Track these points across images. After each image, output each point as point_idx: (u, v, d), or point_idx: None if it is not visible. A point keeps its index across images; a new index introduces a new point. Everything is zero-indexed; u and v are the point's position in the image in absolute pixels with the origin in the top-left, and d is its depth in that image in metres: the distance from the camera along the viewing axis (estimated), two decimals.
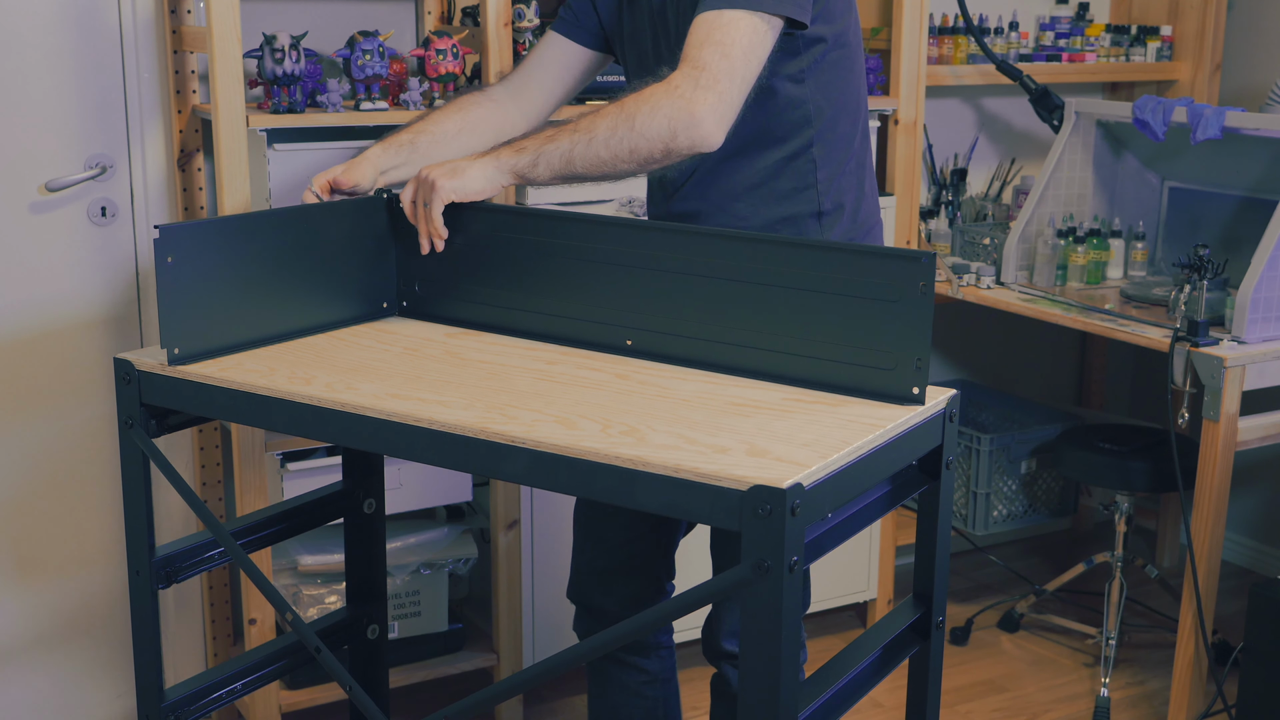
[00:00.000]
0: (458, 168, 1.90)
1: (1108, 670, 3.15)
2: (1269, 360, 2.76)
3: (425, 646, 2.94)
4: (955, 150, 3.77)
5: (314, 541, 2.81)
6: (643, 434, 1.53)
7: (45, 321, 2.77)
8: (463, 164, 1.91)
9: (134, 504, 1.85)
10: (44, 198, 2.73)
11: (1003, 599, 3.66)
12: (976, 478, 3.56)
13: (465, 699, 1.67)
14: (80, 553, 2.87)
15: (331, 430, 1.67)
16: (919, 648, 1.78)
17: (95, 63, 2.74)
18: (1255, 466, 3.79)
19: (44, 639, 2.87)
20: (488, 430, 1.54)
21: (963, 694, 3.23)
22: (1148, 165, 3.43)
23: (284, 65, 2.58)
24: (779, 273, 1.70)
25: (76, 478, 2.84)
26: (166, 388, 1.78)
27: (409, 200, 1.95)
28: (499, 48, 2.72)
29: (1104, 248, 3.30)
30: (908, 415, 1.61)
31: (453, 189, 1.89)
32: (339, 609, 2.24)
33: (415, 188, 1.95)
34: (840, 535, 1.56)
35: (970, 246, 3.51)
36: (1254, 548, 3.88)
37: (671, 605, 1.50)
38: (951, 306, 3.47)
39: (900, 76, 3.19)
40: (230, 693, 2.02)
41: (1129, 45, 3.72)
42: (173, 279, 1.78)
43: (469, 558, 2.94)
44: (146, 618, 1.88)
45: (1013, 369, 4.05)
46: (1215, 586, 2.85)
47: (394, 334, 1.97)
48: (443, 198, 1.89)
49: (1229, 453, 2.77)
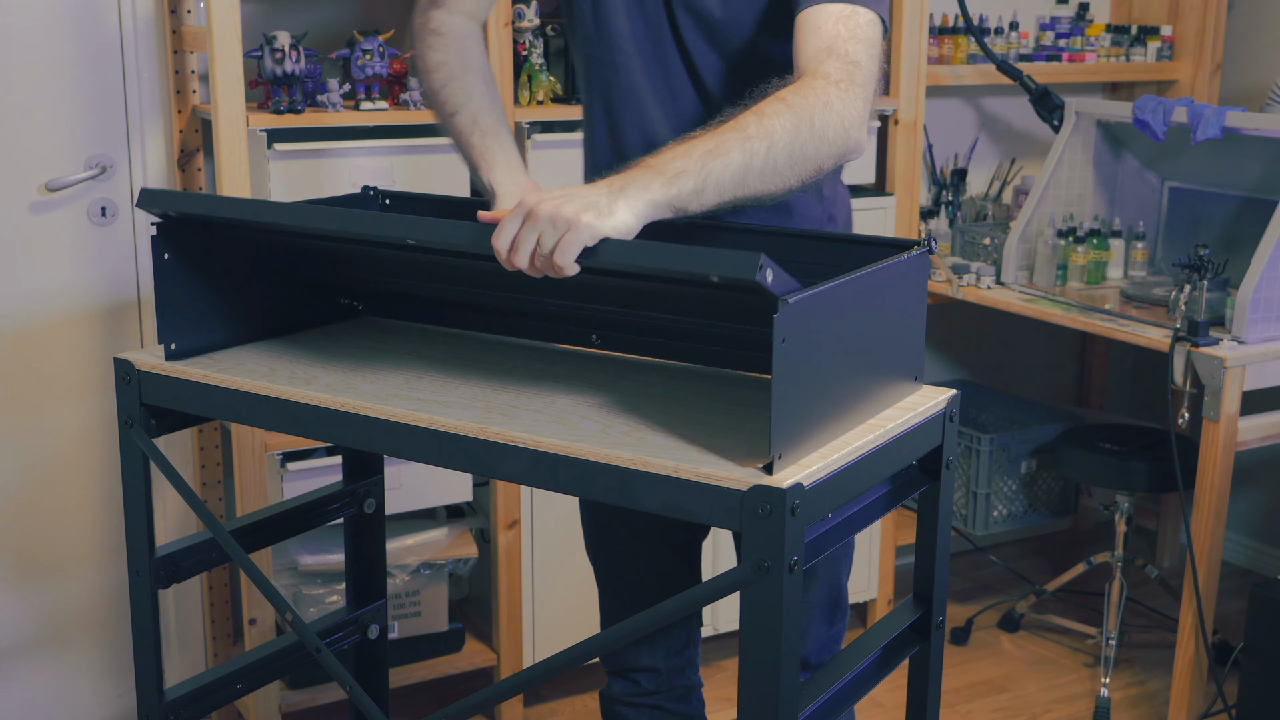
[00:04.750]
0: (598, 203, 1.44)
1: (1108, 670, 3.15)
2: (1269, 360, 2.76)
3: (425, 646, 2.94)
4: (955, 150, 3.77)
5: (314, 541, 2.81)
6: (643, 434, 1.53)
7: (45, 321, 2.77)
8: (601, 197, 1.45)
9: (134, 504, 1.85)
10: (44, 198, 2.73)
11: (1003, 599, 3.66)
12: (976, 478, 3.56)
13: (465, 699, 1.67)
14: (80, 553, 2.87)
15: (331, 430, 1.67)
16: (919, 648, 1.77)
17: (95, 63, 2.74)
18: (1255, 466, 3.79)
19: (44, 639, 2.87)
20: (488, 430, 1.54)
21: (963, 694, 3.23)
22: (1148, 165, 3.43)
23: (284, 65, 2.58)
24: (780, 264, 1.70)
25: (76, 478, 2.84)
26: (166, 388, 1.78)
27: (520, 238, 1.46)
28: (499, 47, 2.72)
29: (1104, 248, 3.30)
30: (908, 415, 1.61)
31: (603, 230, 1.44)
32: (339, 609, 2.23)
33: (528, 224, 1.46)
34: (840, 535, 1.55)
35: (970, 246, 3.51)
36: (1254, 548, 3.88)
37: (671, 606, 1.50)
38: (951, 306, 3.47)
39: (900, 76, 3.19)
40: (230, 693, 2.02)
41: (1129, 45, 3.72)
42: (169, 273, 1.78)
43: (469, 558, 2.94)
44: (146, 618, 1.88)
45: (1013, 369, 4.05)
46: (1215, 586, 2.85)
47: (394, 333, 1.97)
48: (585, 240, 1.43)
49: (1229, 453, 2.77)
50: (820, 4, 1.66)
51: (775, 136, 1.50)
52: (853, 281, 1.49)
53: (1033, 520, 3.70)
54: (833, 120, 1.54)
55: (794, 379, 1.40)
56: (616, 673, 2.09)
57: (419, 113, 2.71)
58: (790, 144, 1.51)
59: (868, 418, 1.58)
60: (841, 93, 1.57)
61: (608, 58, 1.85)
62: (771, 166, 1.51)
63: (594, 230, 1.43)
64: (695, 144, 1.50)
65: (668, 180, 1.47)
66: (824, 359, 1.46)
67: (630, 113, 1.86)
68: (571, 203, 1.44)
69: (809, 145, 1.53)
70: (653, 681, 2.07)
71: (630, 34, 1.83)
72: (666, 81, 1.85)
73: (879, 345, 1.59)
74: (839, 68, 1.59)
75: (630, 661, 2.07)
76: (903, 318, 1.63)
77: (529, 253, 1.45)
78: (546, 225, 1.44)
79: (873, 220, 3.21)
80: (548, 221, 1.44)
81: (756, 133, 1.50)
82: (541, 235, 1.44)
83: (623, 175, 1.49)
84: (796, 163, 1.53)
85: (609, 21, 1.84)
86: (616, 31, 1.83)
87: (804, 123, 1.52)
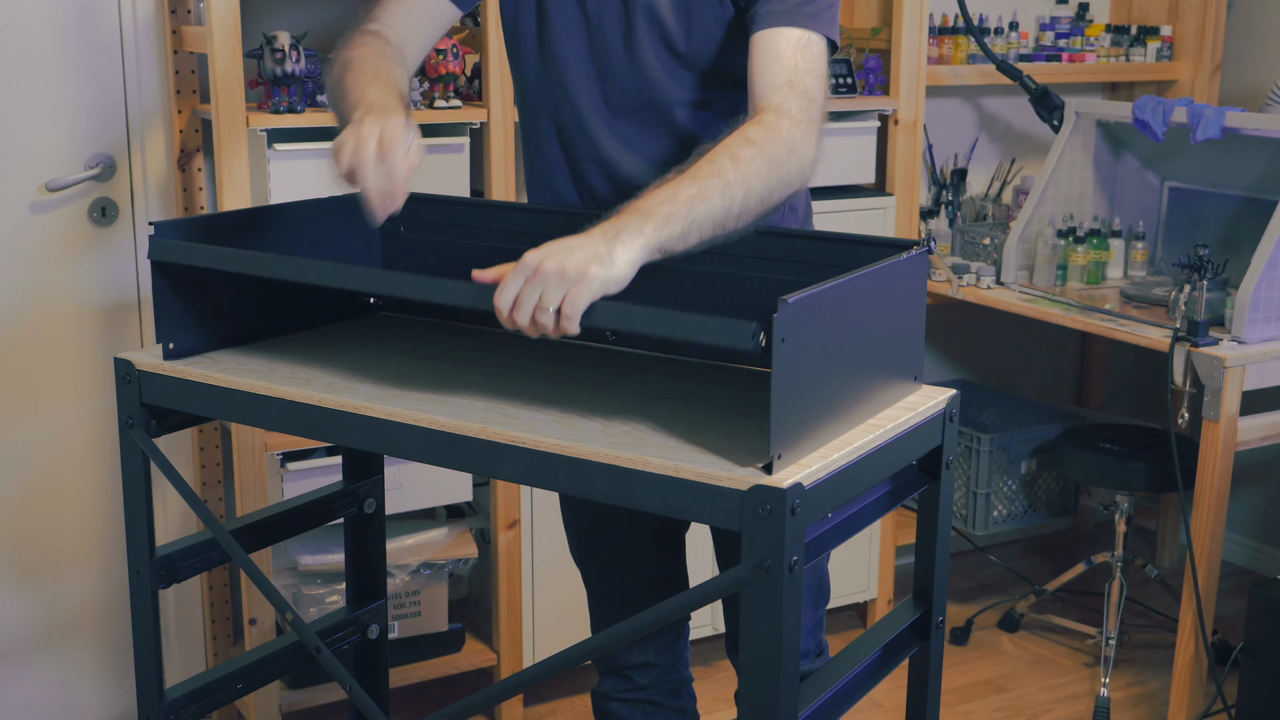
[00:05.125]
0: (599, 254, 1.47)
1: (1108, 670, 3.15)
2: (1269, 360, 2.76)
3: (425, 646, 2.94)
4: (955, 150, 3.77)
5: (314, 541, 2.81)
6: (643, 434, 1.53)
7: (45, 321, 2.77)
8: (600, 246, 1.48)
9: (134, 504, 1.85)
10: (44, 198, 2.73)
11: (1003, 599, 3.66)
12: (976, 478, 3.56)
13: (465, 699, 1.67)
14: (80, 553, 2.87)
15: (331, 430, 1.67)
16: (919, 648, 1.77)
17: (96, 63, 2.74)
18: (1255, 466, 3.79)
19: (44, 639, 2.87)
20: (488, 430, 1.54)
21: (963, 694, 3.23)
22: (1148, 165, 3.43)
23: (284, 65, 2.58)
24: (772, 264, 1.71)
25: (76, 478, 2.84)
26: (166, 388, 1.78)
27: (524, 295, 1.46)
28: (499, 47, 2.72)
29: (1104, 248, 3.30)
30: (908, 415, 1.61)
31: (606, 283, 1.46)
32: (339, 609, 2.23)
33: (533, 281, 1.46)
34: (840, 535, 1.55)
35: (970, 246, 3.51)
36: (1254, 548, 3.88)
37: (671, 605, 1.50)
38: (951, 306, 3.47)
39: (900, 76, 3.19)
40: (230, 693, 2.02)
41: (1129, 45, 3.72)
42: (167, 273, 1.78)
43: (469, 558, 2.94)
44: (146, 618, 1.88)
45: (1013, 369, 4.05)
46: (1215, 586, 2.85)
47: (394, 333, 1.97)
48: (594, 293, 1.46)
49: (1229, 453, 2.77)
50: (777, 26, 1.73)
51: (751, 184, 1.59)
52: (852, 281, 1.49)
53: (1033, 520, 3.70)
54: (795, 164, 1.64)
55: (793, 379, 1.40)
56: (609, 670, 2.12)
57: (419, 113, 2.71)
58: (762, 190, 1.60)
59: (867, 418, 1.58)
60: (803, 133, 1.66)
61: (557, 78, 1.88)
62: (745, 210, 1.59)
63: (602, 281, 1.45)
64: (679, 188, 1.55)
65: (658, 225, 1.51)
66: (823, 359, 1.46)
67: (582, 132, 1.89)
68: (574, 255, 1.46)
69: (776, 190, 1.62)
70: (646, 677, 2.10)
71: (577, 55, 1.87)
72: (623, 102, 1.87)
73: (879, 345, 1.59)
74: (800, 106, 1.68)
75: (624, 659, 2.10)
76: (902, 318, 1.63)
77: (531, 309, 1.46)
78: (554, 279, 1.45)
79: (873, 220, 3.21)
80: (556, 276, 1.45)
81: (735, 179, 1.57)
82: (546, 290, 1.45)
83: (615, 221, 1.52)
84: (764, 204, 1.62)
85: (558, 44, 1.87)
86: (566, 54, 1.87)
87: (774, 169, 1.61)
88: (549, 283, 1.45)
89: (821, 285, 1.44)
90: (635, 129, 1.87)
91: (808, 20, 1.74)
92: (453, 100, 2.76)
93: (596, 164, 1.89)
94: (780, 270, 1.72)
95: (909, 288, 1.63)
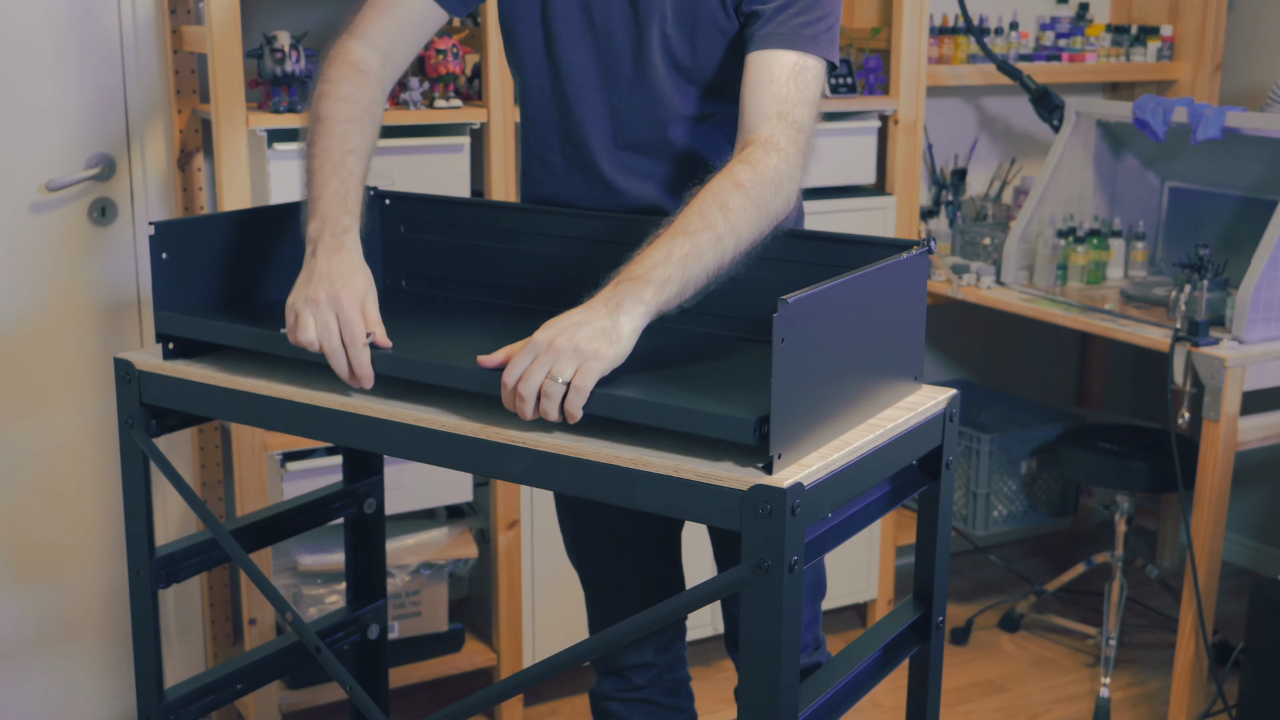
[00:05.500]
0: (605, 328, 1.49)
1: (1108, 670, 3.15)
2: (1269, 360, 2.76)
3: (425, 646, 2.94)
4: (955, 150, 3.77)
5: (314, 541, 2.81)
6: (643, 434, 1.53)
7: (45, 321, 2.77)
8: (605, 320, 1.50)
9: (134, 504, 1.85)
10: (44, 197, 2.73)
11: (1003, 599, 3.66)
12: (976, 478, 3.56)
13: (465, 699, 1.67)
14: (80, 553, 2.87)
15: (331, 430, 1.67)
16: (919, 648, 1.77)
17: (95, 63, 2.74)
18: (1255, 466, 3.79)
19: (44, 639, 2.87)
20: (488, 430, 1.54)
21: (963, 694, 3.23)
22: (1148, 165, 3.43)
23: (284, 65, 2.58)
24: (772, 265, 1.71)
25: (76, 478, 2.84)
26: (166, 387, 1.78)
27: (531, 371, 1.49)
28: (499, 48, 2.72)
29: (1104, 248, 3.30)
30: (908, 415, 1.61)
31: (616, 359, 1.50)
32: (339, 609, 2.23)
33: (543, 357, 1.48)
34: (840, 535, 1.55)
35: (970, 246, 3.51)
36: (1254, 548, 3.88)
37: (671, 605, 1.50)
38: (951, 306, 3.47)
39: (900, 76, 3.19)
40: (230, 693, 2.01)
41: (1129, 45, 3.72)
42: (166, 274, 1.78)
43: (469, 558, 2.94)
44: (146, 618, 1.88)
45: (1013, 369, 4.05)
46: (1215, 586, 2.85)
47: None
48: (605, 368, 1.49)
49: (1229, 453, 2.77)
50: (774, 49, 1.74)
51: (741, 233, 1.61)
52: (852, 281, 1.49)
53: (1033, 520, 3.70)
54: (780, 199, 1.67)
55: (793, 379, 1.40)
56: (607, 670, 2.12)
57: (419, 113, 2.71)
58: (752, 235, 1.63)
59: (867, 417, 1.58)
60: (789, 166, 1.68)
61: (561, 89, 1.89)
62: (734, 256, 1.62)
63: (612, 359, 1.49)
64: (673, 247, 1.56)
65: (656, 290, 1.53)
66: (823, 359, 1.46)
67: (584, 142, 1.89)
68: (583, 330, 1.49)
69: (763, 228, 1.65)
70: (644, 677, 2.11)
71: (582, 65, 1.87)
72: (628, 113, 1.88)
73: (879, 345, 1.59)
74: (788, 137, 1.70)
75: (622, 659, 2.10)
76: (902, 317, 1.63)
77: (538, 382, 1.48)
78: (567, 355, 1.47)
79: (873, 220, 3.21)
80: (569, 352, 1.47)
81: (725, 231, 1.59)
82: (558, 364, 1.47)
83: (614, 290, 1.54)
84: (752, 244, 1.64)
85: (564, 54, 1.87)
86: (572, 64, 1.87)
87: (762, 211, 1.64)
88: (561, 357, 1.47)
89: (821, 285, 1.44)
90: (638, 138, 1.88)
91: (806, 44, 1.75)
92: (453, 100, 2.76)
93: (596, 173, 1.90)
94: (780, 270, 1.72)
95: (909, 288, 1.63)
